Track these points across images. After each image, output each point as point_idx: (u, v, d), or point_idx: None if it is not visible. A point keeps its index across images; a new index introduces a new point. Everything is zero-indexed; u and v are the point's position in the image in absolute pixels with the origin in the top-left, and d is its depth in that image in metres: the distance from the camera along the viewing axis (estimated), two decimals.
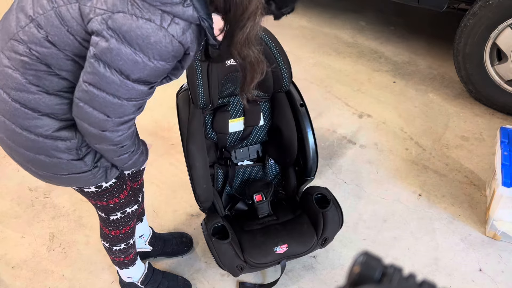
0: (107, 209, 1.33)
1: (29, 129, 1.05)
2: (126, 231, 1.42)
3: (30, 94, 1.02)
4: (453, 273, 1.74)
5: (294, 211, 1.73)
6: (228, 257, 1.53)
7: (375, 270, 0.47)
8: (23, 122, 1.04)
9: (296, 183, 1.83)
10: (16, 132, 1.06)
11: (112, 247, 1.47)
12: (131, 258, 1.53)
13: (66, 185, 1.23)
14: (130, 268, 1.56)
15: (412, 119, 2.52)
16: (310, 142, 1.72)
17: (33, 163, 1.13)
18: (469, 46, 2.42)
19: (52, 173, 1.14)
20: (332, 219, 1.61)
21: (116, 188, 1.27)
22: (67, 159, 1.11)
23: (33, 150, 1.09)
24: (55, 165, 1.11)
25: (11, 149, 1.12)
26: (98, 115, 1.00)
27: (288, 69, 1.68)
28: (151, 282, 1.63)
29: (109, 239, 1.44)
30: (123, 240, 1.45)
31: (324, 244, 1.64)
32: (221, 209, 1.75)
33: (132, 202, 1.37)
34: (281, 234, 1.63)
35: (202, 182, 1.61)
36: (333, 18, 3.54)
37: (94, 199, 1.28)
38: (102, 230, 1.45)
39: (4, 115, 1.05)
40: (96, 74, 0.95)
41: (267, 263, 1.59)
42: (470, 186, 2.10)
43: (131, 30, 0.91)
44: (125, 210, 1.36)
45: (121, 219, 1.38)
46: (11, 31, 1.01)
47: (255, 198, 1.74)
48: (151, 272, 1.64)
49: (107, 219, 1.37)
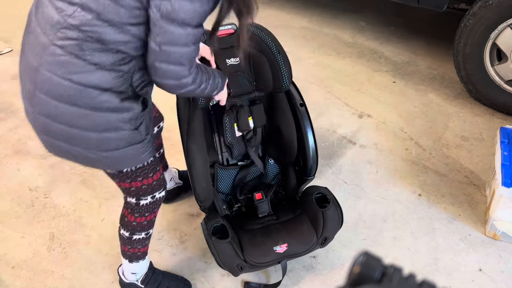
0: (140, 191, 1.37)
1: (96, 106, 1.12)
2: (151, 218, 1.48)
3: (90, 73, 1.09)
4: (453, 273, 1.74)
5: (294, 210, 1.73)
6: (228, 257, 1.53)
7: (375, 270, 0.47)
8: (90, 102, 1.11)
9: (296, 183, 1.83)
10: (82, 115, 1.12)
11: (132, 236, 1.48)
12: (145, 250, 1.56)
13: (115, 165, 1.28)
14: (140, 262, 1.57)
15: (412, 119, 2.52)
16: (310, 142, 1.72)
17: (97, 145, 1.18)
18: (469, 46, 2.43)
19: (114, 149, 1.20)
20: (332, 218, 1.61)
21: (151, 167, 1.35)
22: (130, 130, 1.19)
23: (99, 128, 1.15)
24: (119, 138, 1.19)
25: (73, 137, 1.16)
26: (175, 68, 1.12)
27: (288, 69, 1.68)
28: (151, 281, 1.63)
29: (131, 227, 1.47)
30: (145, 228, 1.49)
31: (324, 243, 1.64)
32: (221, 208, 1.75)
33: (161, 187, 1.43)
34: (281, 233, 1.63)
35: (202, 181, 1.61)
36: (333, 19, 3.55)
37: (130, 180, 1.33)
38: (126, 218, 1.47)
39: (69, 103, 1.11)
40: (166, 33, 1.06)
41: (267, 263, 1.59)
42: (470, 186, 2.10)
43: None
44: (154, 194, 1.41)
45: (150, 204, 1.42)
46: (57, 21, 1.06)
47: (255, 196, 1.74)
48: (152, 271, 1.64)
49: (136, 204, 1.41)
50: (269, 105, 1.82)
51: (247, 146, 1.79)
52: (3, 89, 2.85)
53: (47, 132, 1.18)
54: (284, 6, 3.76)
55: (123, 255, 1.56)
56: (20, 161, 2.32)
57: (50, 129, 1.16)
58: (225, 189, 1.87)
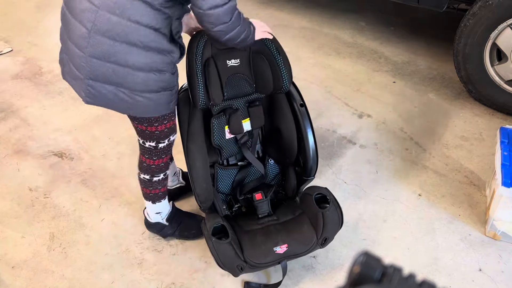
0: (161, 135, 1.54)
1: (148, 45, 1.27)
2: (167, 160, 1.66)
3: (144, 12, 1.23)
4: (453, 273, 1.74)
5: (294, 211, 1.73)
6: (228, 257, 1.54)
7: (375, 270, 0.47)
8: (144, 40, 1.26)
9: (296, 183, 1.83)
10: (135, 53, 1.27)
11: (152, 178, 1.67)
12: (165, 190, 1.74)
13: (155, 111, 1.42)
14: (162, 201, 1.75)
15: (412, 119, 2.52)
16: (310, 142, 1.72)
17: (143, 85, 1.32)
18: (469, 46, 2.43)
19: (154, 93, 1.35)
20: (332, 219, 1.61)
21: (173, 112, 1.53)
22: (170, 73, 1.37)
23: (147, 68, 1.30)
24: (161, 80, 1.34)
25: (123, 77, 1.29)
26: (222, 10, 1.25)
27: (288, 70, 1.68)
28: (175, 219, 1.84)
29: (151, 170, 1.65)
30: (163, 169, 1.67)
31: (324, 244, 1.64)
32: (221, 209, 1.75)
33: (174, 130, 1.60)
34: (281, 234, 1.63)
35: (202, 182, 1.61)
36: (333, 19, 3.55)
37: (157, 124, 1.49)
38: (144, 164, 1.64)
39: (125, 41, 1.25)
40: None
41: (267, 263, 1.59)
42: (470, 186, 2.10)
43: None
44: (170, 137, 1.58)
45: (167, 147, 1.60)
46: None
47: (255, 196, 1.74)
48: (175, 211, 1.85)
49: (155, 148, 1.58)
50: (269, 105, 1.82)
51: (242, 147, 1.79)
52: (3, 89, 2.86)
53: (95, 76, 1.30)
54: (284, 6, 3.76)
55: (146, 198, 1.74)
56: (20, 161, 2.32)
57: (101, 71, 1.28)
58: (225, 189, 1.87)
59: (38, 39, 3.41)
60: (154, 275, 1.76)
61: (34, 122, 2.58)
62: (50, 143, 2.43)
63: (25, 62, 3.13)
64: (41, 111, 2.66)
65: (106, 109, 1.42)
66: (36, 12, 3.80)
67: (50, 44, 3.32)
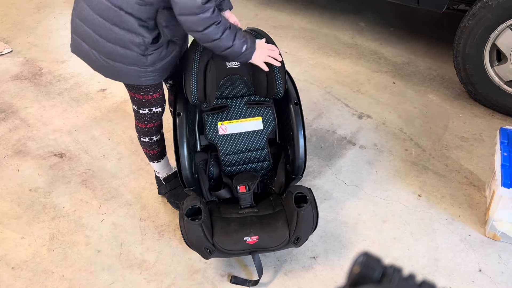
0: (140, 103, 1.70)
1: (117, 23, 1.44)
2: (150, 127, 1.79)
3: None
4: (452, 274, 1.74)
5: (275, 207, 1.75)
6: (196, 238, 1.57)
7: (375, 270, 0.47)
8: (113, 18, 1.43)
9: (284, 180, 1.85)
10: (105, 27, 1.45)
11: (140, 138, 1.84)
12: (155, 154, 1.89)
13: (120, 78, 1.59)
14: (155, 163, 1.93)
15: (411, 120, 2.52)
16: (300, 142, 1.74)
17: (108, 54, 1.50)
18: (468, 47, 2.43)
19: (121, 63, 1.51)
20: (306, 219, 1.62)
21: (153, 88, 1.66)
22: (137, 53, 1.49)
23: (114, 42, 1.47)
24: (126, 56, 1.49)
25: (94, 41, 1.49)
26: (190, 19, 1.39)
27: (283, 77, 1.71)
28: (171, 182, 1.99)
29: (137, 130, 1.82)
30: (147, 134, 1.81)
31: (298, 243, 1.65)
32: (207, 193, 1.81)
33: (158, 104, 1.73)
34: (254, 226, 1.66)
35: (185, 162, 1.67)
36: (332, 19, 3.55)
37: (134, 91, 1.66)
38: (135, 124, 1.81)
39: (99, 15, 1.44)
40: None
41: (235, 251, 1.62)
42: (470, 187, 2.10)
43: None
44: (152, 108, 1.72)
45: (147, 115, 1.74)
46: None
47: (238, 188, 1.78)
48: (174, 176, 1.99)
49: (136, 112, 1.74)
50: (271, 110, 1.87)
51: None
52: (3, 89, 2.86)
53: (78, 34, 1.54)
54: (284, 7, 3.76)
55: (147, 158, 1.94)
56: (20, 161, 2.32)
57: (80, 30, 1.52)
58: (216, 174, 1.90)
59: (38, 39, 3.41)
60: (153, 275, 1.76)
61: (34, 122, 2.58)
62: (50, 143, 2.43)
63: (25, 63, 3.13)
64: (41, 112, 2.66)
65: (106, 110, 1.43)
66: (36, 13, 3.80)
67: (50, 44, 3.32)
